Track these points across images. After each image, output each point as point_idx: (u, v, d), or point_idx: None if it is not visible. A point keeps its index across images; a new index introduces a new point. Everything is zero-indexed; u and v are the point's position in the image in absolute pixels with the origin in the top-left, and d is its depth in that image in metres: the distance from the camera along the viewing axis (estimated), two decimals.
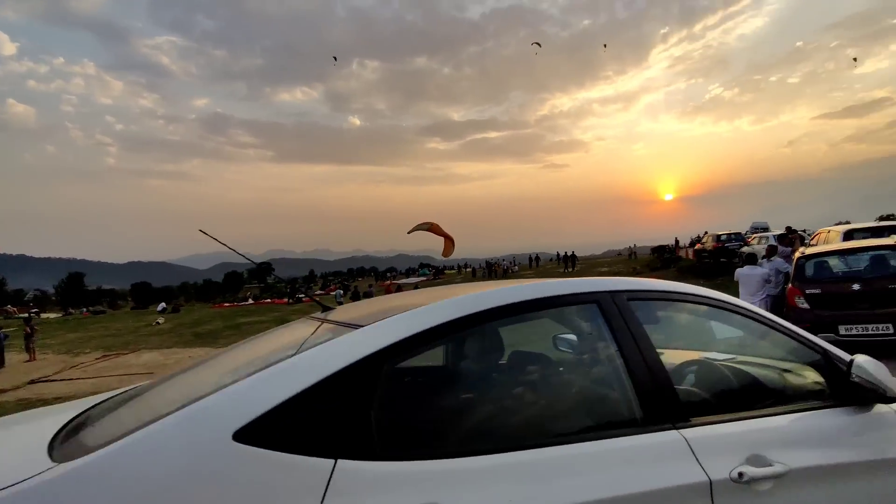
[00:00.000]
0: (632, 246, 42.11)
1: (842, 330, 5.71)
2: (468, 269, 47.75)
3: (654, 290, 1.62)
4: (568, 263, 38.74)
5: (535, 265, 46.43)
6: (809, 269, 6.23)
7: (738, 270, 7.03)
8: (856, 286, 5.70)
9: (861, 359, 1.57)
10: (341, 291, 29.95)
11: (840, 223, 13.47)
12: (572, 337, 1.94)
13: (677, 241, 36.47)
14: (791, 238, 8.17)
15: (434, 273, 54.73)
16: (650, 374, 1.35)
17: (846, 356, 1.71)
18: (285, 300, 41.68)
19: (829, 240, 10.20)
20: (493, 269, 39.67)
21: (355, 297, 27.82)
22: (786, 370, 1.77)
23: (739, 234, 22.21)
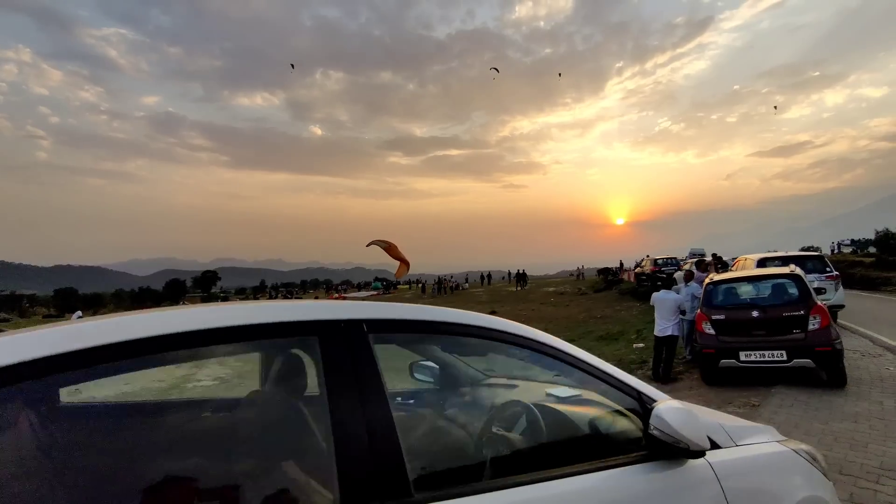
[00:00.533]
0: (579, 267, 43.33)
1: (742, 356, 5.80)
2: (419, 285, 47.22)
3: (413, 319, 1.23)
4: (519, 281, 39.22)
5: (486, 283, 46.64)
6: (716, 296, 6.34)
7: (654, 295, 7.07)
8: (755, 313, 5.82)
9: (661, 408, 1.32)
10: None
11: (770, 251, 14.41)
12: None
13: (621, 264, 37.82)
14: (706, 264, 8.39)
15: (384, 288, 53.79)
16: (372, 442, 0.97)
17: (659, 398, 1.46)
18: None
19: (746, 266, 10.68)
20: (442, 286, 39.38)
21: None
22: (594, 417, 1.50)
23: (675, 258, 23.22)
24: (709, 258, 12.90)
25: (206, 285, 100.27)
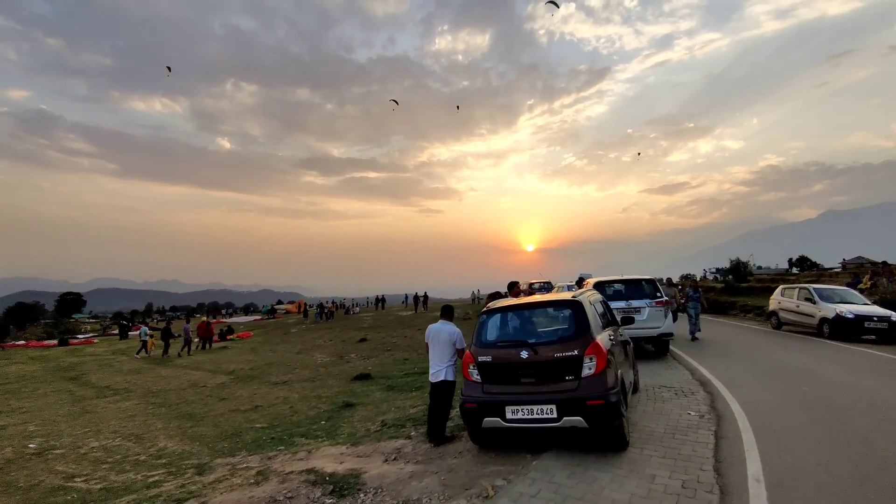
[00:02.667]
0: (475, 291, 43.02)
1: (509, 412, 4.29)
2: (312, 308, 43.49)
3: None
4: (418, 305, 37.89)
5: (381, 307, 44.24)
6: (487, 330, 4.84)
7: (429, 328, 5.46)
8: (524, 353, 4.37)
9: None
10: (146, 329, 23.89)
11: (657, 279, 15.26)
12: None
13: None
14: (516, 291, 7.12)
15: (267, 313, 48.96)
16: None
17: None
18: (54, 342, 32.43)
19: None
20: (324, 311, 36.25)
21: (166, 338, 22.62)
22: None
23: (549, 283, 23.03)
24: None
25: (66, 309, 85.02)
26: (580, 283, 11.69)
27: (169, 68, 28.71)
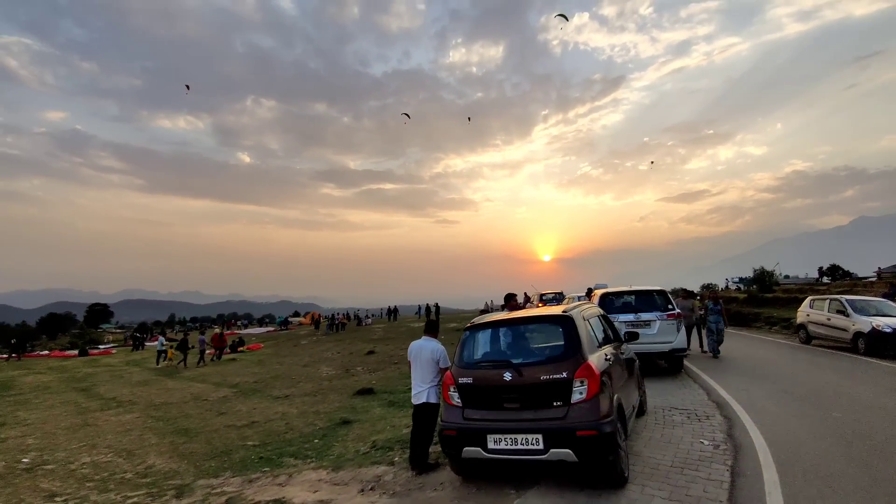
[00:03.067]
0: (487, 302, 42.30)
1: (490, 442, 3.83)
2: (325, 320, 43.50)
3: None
4: (429, 315, 37.55)
5: (392, 318, 43.93)
6: (470, 348, 4.39)
7: (412, 345, 5.04)
8: (508, 375, 3.91)
9: None
10: (163, 340, 24.40)
11: (675, 289, 14.05)
12: None
13: (526, 296, 37.17)
14: (513, 304, 6.63)
15: (280, 324, 49.17)
16: None
17: None
18: (75, 352, 33.05)
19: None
20: (335, 322, 36.10)
21: (182, 349, 22.67)
22: None
23: (561, 293, 22.35)
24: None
25: (95, 320, 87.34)
26: (590, 294, 11.09)
27: (188, 86, 29.38)
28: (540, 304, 20.99)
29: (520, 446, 3.68)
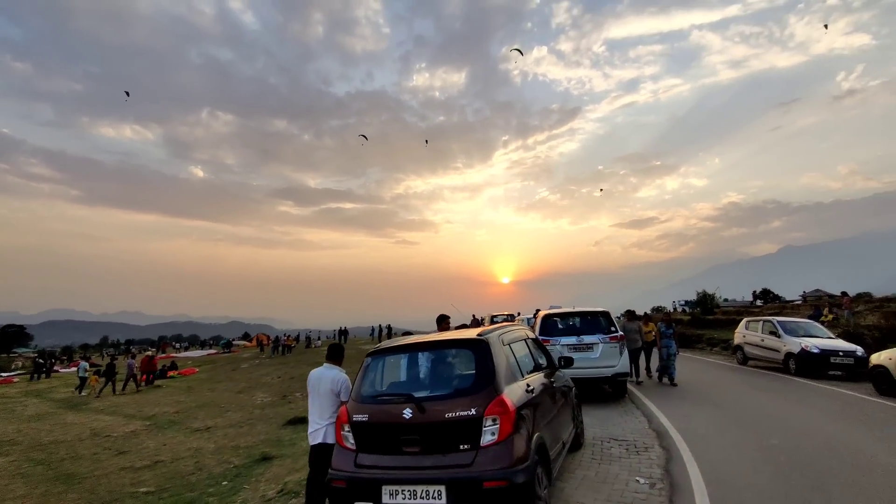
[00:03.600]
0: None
1: (386, 495, 3.12)
2: (271, 341, 41.01)
3: None
4: (381, 336, 36.50)
5: (343, 339, 42.19)
6: (370, 379, 3.70)
7: (311, 374, 4.30)
8: (407, 412, 3.24)
9: None
10: (85, 366, 21.38)
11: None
12: None
13: (474, 318, 36.80)
14: (445, 326, 6.02)
15: (224, 347, 46.02)
16: None
17: None
18: None
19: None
20: (279, 344, 34.07)
21: (109, 375, 20.29)
22: None
23: (512, 315, 22.06)
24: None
25: (8, 343, 78.27)
26: (537, 315, 10.77)
27: (127, 93, 27.36)
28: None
29: (419, 500, 3.01)
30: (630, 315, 10.88)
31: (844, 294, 19.29)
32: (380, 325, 39.22)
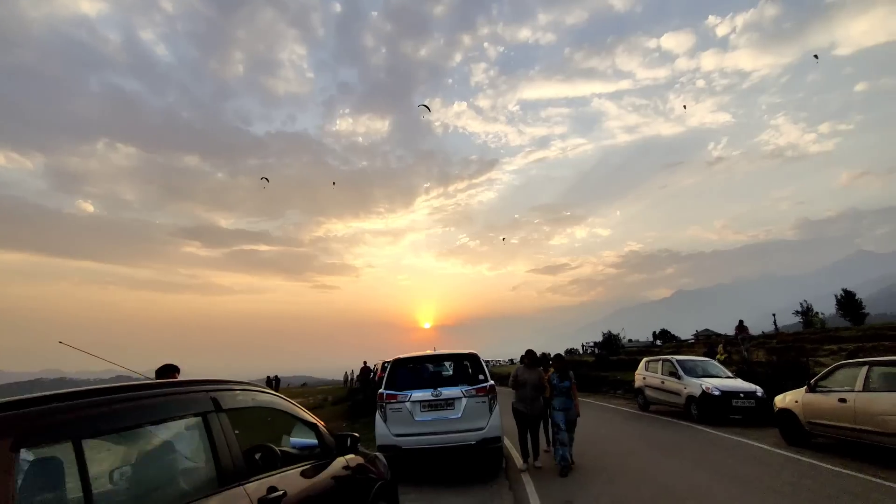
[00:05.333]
0: (347, 372, 37.39)
1: None
2: None
3: None
4: (270, 385, 31.50)
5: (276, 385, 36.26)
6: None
7: None
8: None
9: None
10: None
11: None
12: None
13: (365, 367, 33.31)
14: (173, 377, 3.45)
15: None
16: None
17: None
18: None
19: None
20: None
21: None
22: None
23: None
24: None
25: None
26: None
27: None
28: (382, 375, 17.75)
29: None
30: (530, 358, 6.75)
31: (741, 323, 19.42)
32: (268, 377, 34.28)
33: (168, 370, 3.68)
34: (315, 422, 3.02)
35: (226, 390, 2.29)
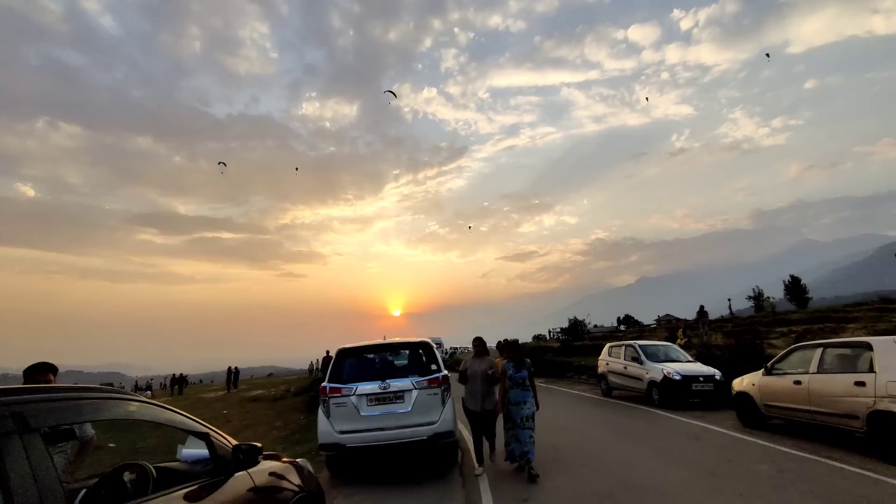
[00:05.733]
0: (313, 362, 36.61)
1: None
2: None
3: None
4: (230, 382, 30.58)
5: (178, 390, 34.63)
6: None
7: None
8: None
9: None
10: None
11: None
12: None
13: (327, 354, 32.81)
14: (48, 378, 2.80)
15: None
16: None
17: None
18: None
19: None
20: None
21: None
22: None
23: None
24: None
25: None
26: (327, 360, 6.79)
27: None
28: None
29: None
30: (479, 345, 6.08)
31: (702, 308, 20.01)
32: (229, 368, 33.02)
33: (40, 369, 3.01)
34: (207, 430, 2.47)
35: (47, 401, 1.71)
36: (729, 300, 39.53)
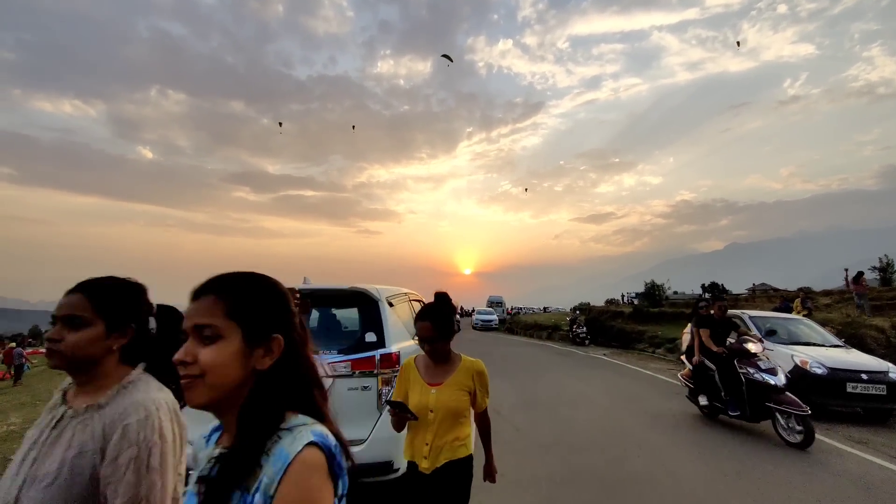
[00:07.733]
0: None
1: None
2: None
3: None
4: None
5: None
6: None
7: None
8: None
9: None
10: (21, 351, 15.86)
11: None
12: None
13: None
14: None
15: None
16: None
17: None
18: None
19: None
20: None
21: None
22: None
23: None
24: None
25: None
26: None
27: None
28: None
29: None
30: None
31: (860, 274, 14.56)
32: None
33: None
34: None
35: None
36: (846, 270, 32.30)
